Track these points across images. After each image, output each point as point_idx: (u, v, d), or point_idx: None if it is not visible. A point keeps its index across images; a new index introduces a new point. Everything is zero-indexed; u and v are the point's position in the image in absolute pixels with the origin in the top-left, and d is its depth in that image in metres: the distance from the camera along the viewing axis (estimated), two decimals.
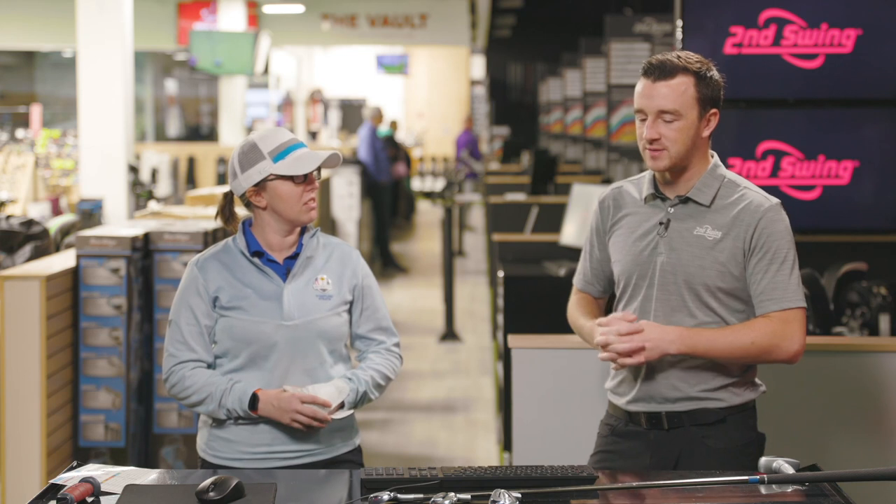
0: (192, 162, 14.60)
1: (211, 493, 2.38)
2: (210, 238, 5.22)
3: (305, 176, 2.99)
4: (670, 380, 2.89)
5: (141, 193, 9.06)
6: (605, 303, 3.16)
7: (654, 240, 2.91)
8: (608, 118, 10.19)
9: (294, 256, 3.05)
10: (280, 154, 2.98)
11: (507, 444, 5.34)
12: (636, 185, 3.01)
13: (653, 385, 2.91)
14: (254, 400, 2.95)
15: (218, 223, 3.14)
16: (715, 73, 2.89)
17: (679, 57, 2.86)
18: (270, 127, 3.13)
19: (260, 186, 3.00)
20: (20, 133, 11.28)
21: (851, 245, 5.31)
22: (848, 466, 3.64)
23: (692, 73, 2.85)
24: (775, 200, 2.89)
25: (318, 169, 3.02)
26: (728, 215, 2.87)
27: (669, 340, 2.80)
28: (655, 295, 2.90)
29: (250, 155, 2.99)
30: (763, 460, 2.61)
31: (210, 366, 3.03)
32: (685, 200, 2.91)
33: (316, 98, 22.48)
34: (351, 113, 23.38)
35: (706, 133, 2.89)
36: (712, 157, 2.95)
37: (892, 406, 3.71)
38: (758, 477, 2.52)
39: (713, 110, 2.89)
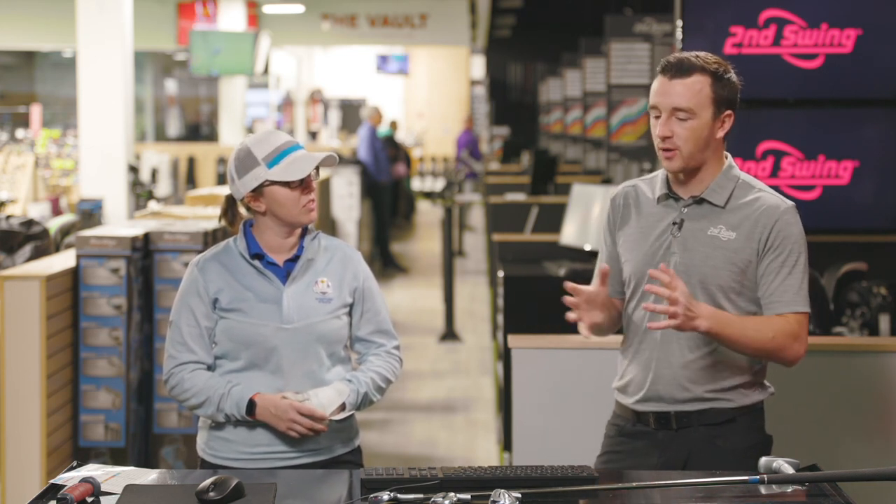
0: (192, 162, 14.60)
1: (211, 493, 2.38)
2: (210, 238, 5.22)
3: (302, 179, 2.98)
4: (679, 380, 2.88)
5: (141, 193, 9.06)
6: (621, 304, 3.03)
7: (668, 240, 2.91)
8: (608, 118, 10.19)
9: (294, 259, 3.04)
10: (274, 159, 2.96)
11: (507, 444, 5.34)
12: (649, 185, 3.00)
13: (662, 385, 2.90)
14: (251, 405, 2.95)
15: (222, 224, 3.14)
16: (733, 75, 2.90)
17: (697, 56, 2.86)
18: (266, 130, 3.09)
19: (257, 192, 2.99)
20: (20, 133, 11.28)
21: (851, 245, 5.31)
22: (848, 466, 3.64)
23: (709, 73, 2.85)
24: (790, 203, 2.89)
25: (317, 169, 3.01)
26: (742, 216, 2.87)
27: (705, 316, 2.74)
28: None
29: (246, 161, 2.98)
30: (763, 460, 2.61)
31: (210, 367, 3.03)
32: (699, 201, 2.90)
33: (316, 98, 22.47)
34: (351, 113, 23.38)
35: (720, 134, 2.89)
36: (727, 158, 2.94)
37: (892, 406, 3.71)
38: (758, 477, 2.52)
39: (728, 111, 2.89)
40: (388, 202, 13.66)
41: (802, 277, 2.86)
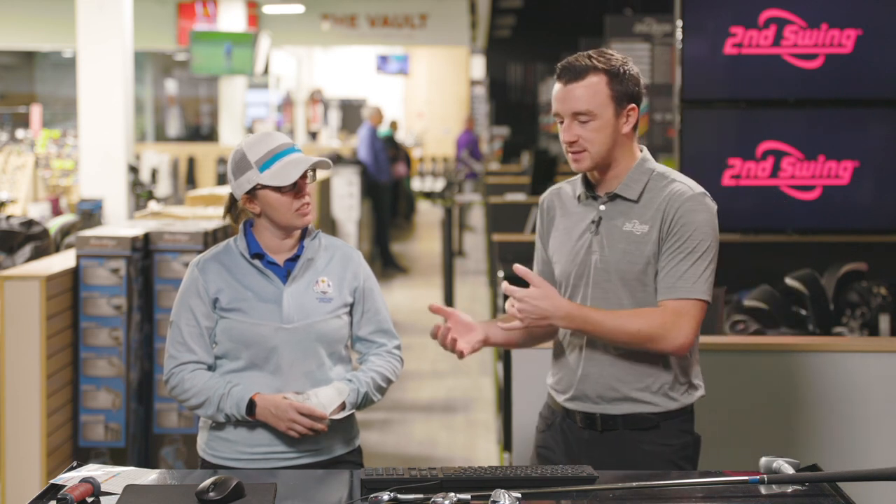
0: (192, 162, 14.61)
1: (211, 493, 2.38)
2: (210, 238, 5.22)
3: (295, 183, 2.97)
4: (607, 379, 2.88)
5: (141, 193, 9.07)
6: None
7: (588, 239, 2.91)
8: None
9: (295, 258, 3.04)
10: (266, 163, 2.95)
11: (507, 444, 5.34)
12: (573, 185, 3.01)
13: (589, 384, 2.90)
14: (251, 405, 2.95)
15: (226, 221, 3.15)
16: (631, 69, 2.86)
17: (590, 57, 2.85)
18: (264, 132, 3.08)
19: (251, 195, 2.99)
20: (20, 133, 11.27)
21: (851, 245, 5.31)
22: (848, 466, 3.64)
23: (602, 72, 2.82)
24: (700, 190, 2.85)
25: (314, 171, 3.01)
26: (654, 208, 2.85)
27: (559, 316, 2.78)
28: (591, 294, 2.88)
29: (240, 164, 2.98)
30: (763, 460, 2.61)
31: (210, 367, 3.03)
32: (613, 197, 2.90)
33: (316, 98, 22.47)
34: (351, 113, 23.38)
35: (626, 129, 2.86)
36: (641, 151, 2.93)
37: (892, 406, 3.72)
38: (758, 477, 2.52)
39: (631, 106, 2.86)
40: (388, 202, 13.66)
41: (696, 264, 2.80)
